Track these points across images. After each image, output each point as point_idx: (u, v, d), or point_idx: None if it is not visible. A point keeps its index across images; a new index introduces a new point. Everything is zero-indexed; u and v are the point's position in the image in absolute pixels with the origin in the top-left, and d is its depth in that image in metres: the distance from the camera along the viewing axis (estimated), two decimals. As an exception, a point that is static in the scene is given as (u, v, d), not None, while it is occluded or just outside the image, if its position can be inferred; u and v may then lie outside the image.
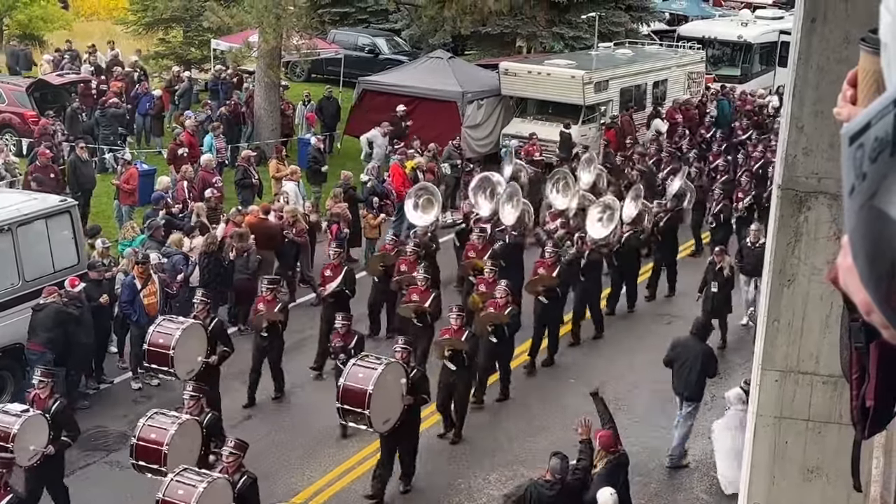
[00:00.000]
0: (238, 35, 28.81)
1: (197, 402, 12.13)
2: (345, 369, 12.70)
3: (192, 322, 13.73)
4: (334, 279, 16.18)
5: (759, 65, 35.63)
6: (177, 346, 13.28)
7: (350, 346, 13.90)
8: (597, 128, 27.39)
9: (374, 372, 12.27)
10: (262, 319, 14.89)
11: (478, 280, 16.62)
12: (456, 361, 13.91)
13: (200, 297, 14.39)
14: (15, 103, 26.25)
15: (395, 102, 27.14)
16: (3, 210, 14.96)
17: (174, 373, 13.43)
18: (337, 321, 14.40)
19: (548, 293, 16.43)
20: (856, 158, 1.44)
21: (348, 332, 14.27)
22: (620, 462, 11.20)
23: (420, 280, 15.67)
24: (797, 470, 7.15)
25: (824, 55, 6.54)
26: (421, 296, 15.48)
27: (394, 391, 12.37)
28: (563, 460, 10.79)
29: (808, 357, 7.07)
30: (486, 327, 14.82)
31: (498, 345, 15.01)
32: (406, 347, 13.09)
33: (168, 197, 19.32)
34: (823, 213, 6.86)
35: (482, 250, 17.63)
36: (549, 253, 17.03)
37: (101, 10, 49.14)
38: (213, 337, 13.85)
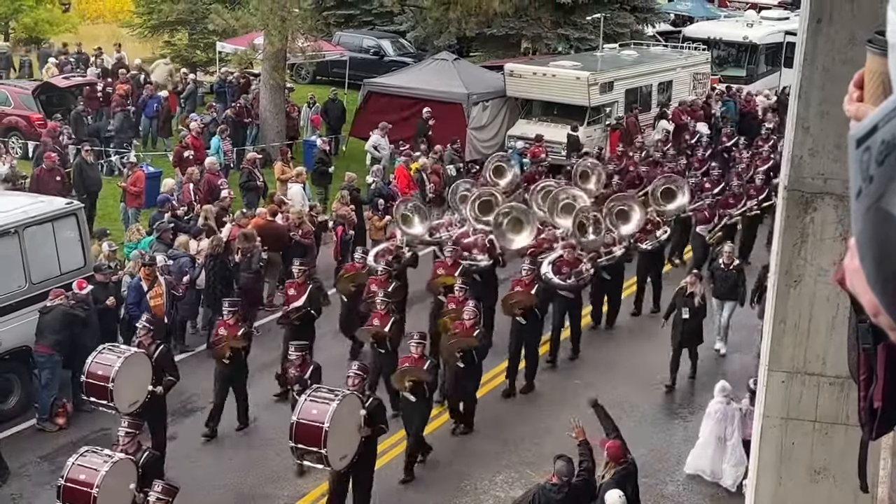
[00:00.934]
0: (243, 37, 28.86)
1: (133, 439, 11.18)
2: (297, 405, 11.83)
3: (135, 351, 12.78)
4: (298, 298, 15.40)
5: (764, 66, 35.58)
6: (117, 378, 12.30)
7: (306, 376, 13.06)
8: (602, 129, 27.39)
9: (329, 407, 11.48)
10: (224, 347, 14.01)
11: (448, 298, 15.69)
12: (417, 392, 13.17)
13: (143, 323, 13.37)
14: (21, 106, 26.32)
15: (400, 104, 27.17)
16: (10, 213, 15.00)
17: (114, 406, 12.40)
18: (291, 351, 13.57)
19: (525, 313, 15.62)
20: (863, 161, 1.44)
21: (304, 361, 13.37)
22: (629, 471, 11.12)
23: (380, 303, 14.75)
24: (804, 471, 7.14)
25: (830, 56, 6.54)
26: (381, 320, 14.57)
27: (350, 424, 11.68)
28: (569, 463, 10.77)
29: (814, 358, 7.06)
30: (454, 353, 14.04)
31: (465, 369, 14.15)
32: (359, 374, 12.29)
33: (173, 199, 19.35)
34: (829, 214, 6.86)
35: (452, 267, 16.66)
36: (527, 270, 16.10)
37: (107, 13, 49.26)
38: (159, 365, 12.92)
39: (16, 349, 14.29)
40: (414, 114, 27.15)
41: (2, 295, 14.40)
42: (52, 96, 26.98)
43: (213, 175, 20.81)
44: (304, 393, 11.95)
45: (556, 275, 16.47)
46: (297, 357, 13.35)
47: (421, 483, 13.40)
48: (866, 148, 1.45)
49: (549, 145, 25.75)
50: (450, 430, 14.56)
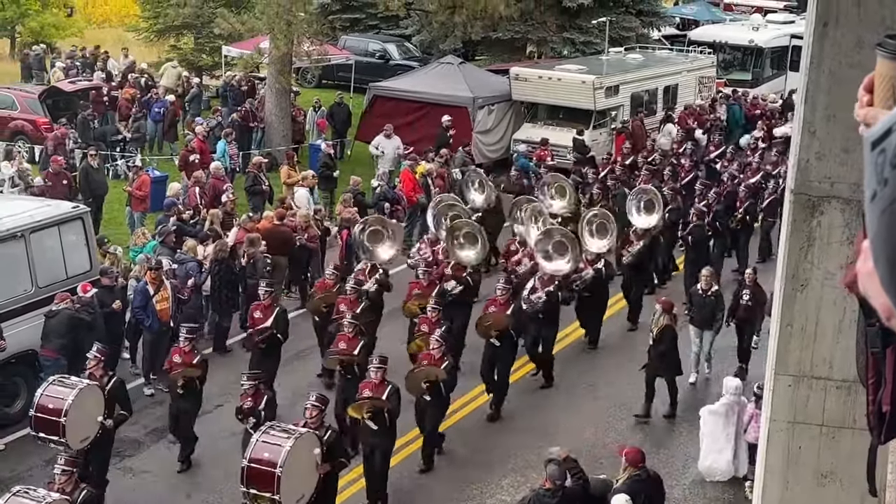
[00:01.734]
0: (249, 41, 28.90)
1: (70, 478, 10.64)
2: (249, 444, 11.15)
3: (87, 384, 12.05)
4: (265, 321, 14.73)
5: (770, 69, 35.56)
6: (69, 413, 11.57)
7: (260, 407, 12.37)
8: (608, 133, 27.38)
9: (283, 448, 10.83)
10: (178, 376, 13.30)
11: (420, 320, 15.09)
12: (377, 421, 12.46)
13: (95, 353, 12.59)
14: (28, 110, 26.37)
15: (406, 108, 27.20)
16: (16, 217, 15.03)
17: (66, 443, 11.66)
18: (243, 380, 12.70)
19: (500, 335, 15.00)
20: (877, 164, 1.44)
21: (257, 392, 12.56)
22: (643, 479, 11.08)
23: (347, 325, 14.09)
24: (811, 475, 7.13)
25: (836, 59, 6.53)
26: (348, 343, 13.92)
27: (307, 463, 11.05)
28: (561, 466, 10.77)
29: (821, 362, 7.05)
30: (420, 384, 13.32)
31: (432, 401, 13.45)
32: (317, 406, 11.63)
33: (179, 203, 19.38)
34: (836, 218, 6.84)
35: (428, 287, 16.06)
36: (502, 290, 15.44)
37: (113, 17, 49.36)
38: (112, 398, 12.29)
39: (22, 353, 14.31)
40: (419, 118, 27.19)
41: (8, 299, 14.42)
42: (59, 100, 27.03)
43: (218, 179, 20.83)
44: (257, 431, 11.27)
45: (533, 293, 15.91)
46: (249, 387, 12.53)
47: (427, 488, 13.41)
48: (881, 150, 1.45)
49: (555, 149, 25.75)
50: (453, 437, 14.53)
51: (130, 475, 13.36)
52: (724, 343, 16.80)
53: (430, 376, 13.29)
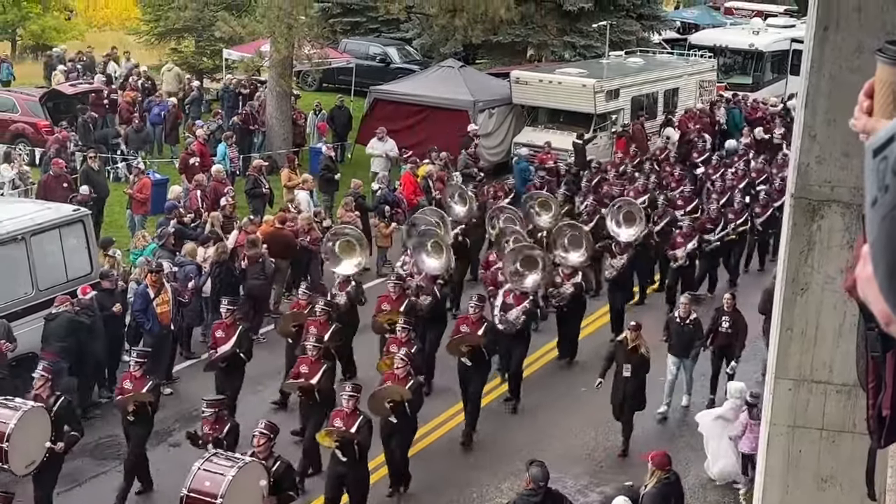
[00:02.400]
0: (250, 45, 28.93)
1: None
2: (189, 472, 10.58)
3: (32, 406, 11.45)
4: (227, 341, 14.07)
5: (770, 73, 35.61)
6: (13, 436, 11.04)
7: (221, 435, 11.67)
8: (608, 136, 27.40)
9: (225, 478, 10.30)
10: (128, 401, 12.56)
11: (389, 339, 14.43)
12: (346, 453, 11.84)
13: (41, 372, 12.00)
14: (28, 113, 26.40)
15: (406, 111, 27.22)
16: (17, 219, 15.04)
17: (10, 469, 11.18)
18: (204, 406, 12.00)
19: (472, 354, 14.39)
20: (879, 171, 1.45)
21: (218, 418, 11.86)
22: (672, 482, 11.06)
23: (310, 349, 13.42)
24: (811, 479, 7.13)
25: (837, 64, 6.54)
26: (310, 368, 13.23)
27: (251, 495, 10.48)
28: (543, 468, 10.78)
29: (821, 366, 7.05)
30: (383, 404, 12.67)
31: (397, 423, 12.81)
32: (265, 433, 11.01)
33: (180, 206, 19.39)
34: (836, 222, 6.85)
35: (397, 301, 15.40)
36: (474, 307, 14.76)
37: (114, 21, 49.41)
38: (59, 419, 11.72)
39: (23, 356, 14.30)
40: (420, 121, 27.21)
41: (9, 301, 14.43)
42: (59, 103, 27.06)
43: (218, 182, 20.85)
44: (200, 459, 10.68)
45: (502, 311, 15.35)
46: (210, 413, 11.81)
47: (426, 492, 13.40)
48: (883, 158, 1.45)
49: (555, 152, 25.75)
50: (453, 439, 14.53)
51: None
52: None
53: (393, 396, 12.62)
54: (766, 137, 28.41)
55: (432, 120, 27.05)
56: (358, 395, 12.19)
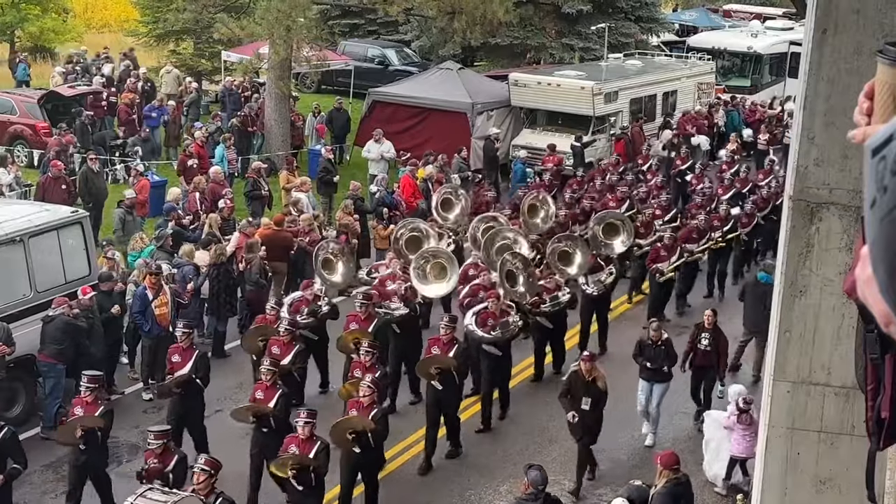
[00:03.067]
0: (248, 46, 28.93)
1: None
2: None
3: None
4: (183, 365, 13.34)
5: (769, 76, 35.64)
6: None
7: (168, 469, 11.10)
8: (606, 139, 27.40)
9: None
10: (75, 426, 11.90)
11: (353, 363, 13.79)
12: (302, 481, 11.31)
13: None
14: (27, 115, 26.38)
15: (405, 114, 27.23)
16: (15, 221, 15.03)
17: None
18: (150, 438, 11.37)
19: (442, 377, 13.70)
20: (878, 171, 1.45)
21: (165, 450, 11.26)
22: (682, 483, 11.05)
23: (265, 372, 12.73)
24: (809, 481, 7.13)
25: (835, 66, 6.54)
26: (265, 393, 12.57)
27: None
28: (541, 471, 10.78)
29: (819, 368, 7.05)
30: (345, 435, 12.00)
31: (362, 454, 12.17)
32: (206, 469, 10.52)
33: (179, 208, 19.39)
34: (835, 224, 6.85)
35: (366, 321, 14.70)
36: (445, 328, 14.04)
37: (113, 22, 49.40)
38: (2, 452, 11.46)
39: (21, 357, 14.29)
40: (418, 123, 27.22)
41: (7, 303, 14.42)
42: (58, 105, 27.05)
43: (217, 184, 20.84)
44: (132, 494, 10.19)
45: (480, 328, 14.72)
46: (157, 446, 11.22)
47: (424, 494, 13.40)
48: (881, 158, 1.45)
49: (560, 155, 25.73)
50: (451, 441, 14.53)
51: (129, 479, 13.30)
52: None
53: (355, 427, 11.98)
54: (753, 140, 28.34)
55: (431, 122, 27.06)
56: (313, 420, 11.61)
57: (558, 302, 16.15)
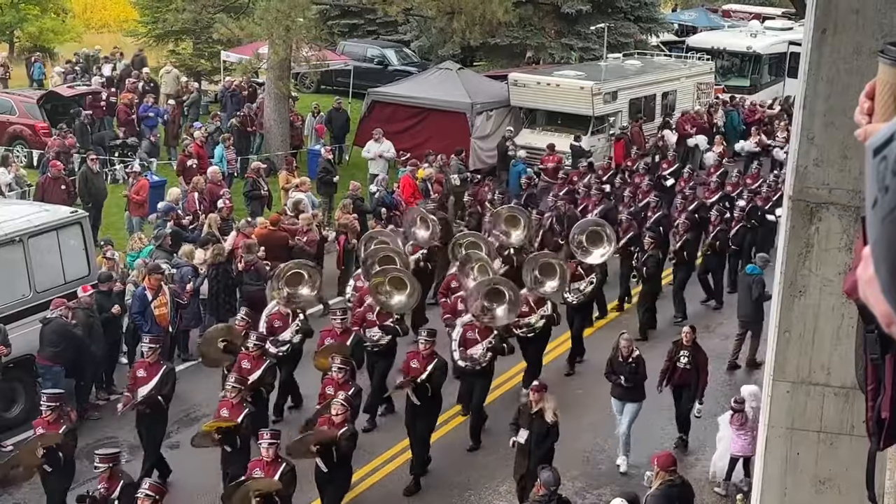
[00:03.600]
0: (248, 46, 28.92)
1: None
2: None
3: None
4: (148, 381, 12.83)
5: (768, 75, 35.63)
6: None
7: (113, 495, 10.80)
8: (606, 138, 27.40)
9: None
10: (34, 446, 11.47)
11: (325, 380, 13.34)
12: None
13: None
14: (26, 115, 26.37)
15: (405, 114, 27.22)
16: (15, 221, 15.03)
17: None
18: (96, 461, 11.04)
19: (419, 392, 13.26)
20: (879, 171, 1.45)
21: (112, 475, 10.92)
22: (677, 485, 10.98)
23: (230, 389, 12.30)
24: (809, 481, 7.13)
25: (835, 66, 6.54)
26: (231, 411, 12.09)
27: None
28: (554, 472, 10.78)
29: (819, 368, 7.05)
30: (307, 448, 11.62)
31: (329, 472, 11.76)
32: (151, 495, 10.24)
33: (178, 208, 19.38)
34: (834, 224, 6.85)
35: (342, 336, 14.25)
36: (424, 342, 13.52)
37: (112, 22, 49.39)
38: None
39: (20, 358, 14.29)
40: (417, 123, 27.21)
41: (6, 304, 14.42)
42: (57, 105, 27.05)
43: (215, 184, 20.83)
44: None
45: (460, 349, 14.32)
46: (104, 469, 10.87)
47: (425, 494, 13.38)
48: (882, 158, 1.45)
49: (560, 154, 25.72)
50: (453, 442, 14.52)
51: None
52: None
53: (321, 441, 11.55)
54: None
55: (430, 122, 27.06)
56: (277, 441, 11.35)
57: (533, 329, 15.40)
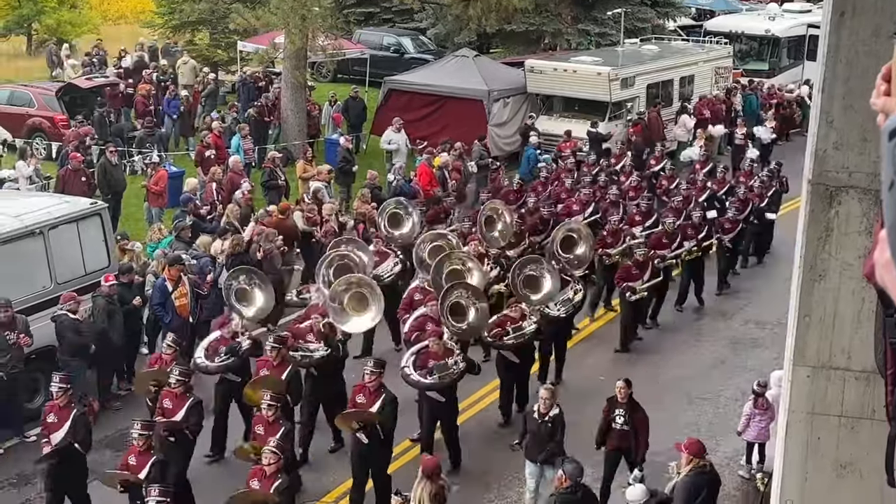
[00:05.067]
0: (264, 36, 28.95)
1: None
2: None
3: None
4: (59, 427, 11.67)
5: (787, 59, 35.43)
6: None
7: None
8: (623, 124, 27.32)
9: None
10: None
11: (255, 418, 12.33)
12: None
13: None
14: (45, 107, 26.52)
15: (421, 102, 27.21)
16: (35, 213, 15.13)
17: None
18: None
19: (365, 430, 11.90)
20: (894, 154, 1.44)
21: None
22: (707, 471, 10.98)
23: (137, 438, 11.29)
24: (830, 465, 7.11)
25: (853, 49, 6.49)
26: (137, 458, 11.24)
27: None
28: (577, 464, 10.77)
29: (839, 352, 7.02)
30: None
31: None
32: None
33: (196, 199, 19.44)
34: (854, 208, 6.81)
35: (279, 367, 12.91)
36: (370, 373, 12.19)
37: (129, 14, 49.54)
38: None
39: (42, 349, 14.39)
40: (434, 111, 27.20)
41: (28, 295, 14.52)
42: (76, 97, 27.18)
43: (236, 174, 20.89)
44: None
45: (419, 370, 12.99)
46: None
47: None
48: (897, 140, 1.44)
49: (577, 140, 25.66)
50: (474, 430, 14.51)
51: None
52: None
53: (256, 501, 10.69)
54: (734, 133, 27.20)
55: (447, 110, 27.04)
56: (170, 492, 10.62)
57: (522, 333, 14.22)
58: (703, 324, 18.50)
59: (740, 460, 13.71)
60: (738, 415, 13.99)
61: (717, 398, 15.64)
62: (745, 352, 17.25)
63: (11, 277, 14.36)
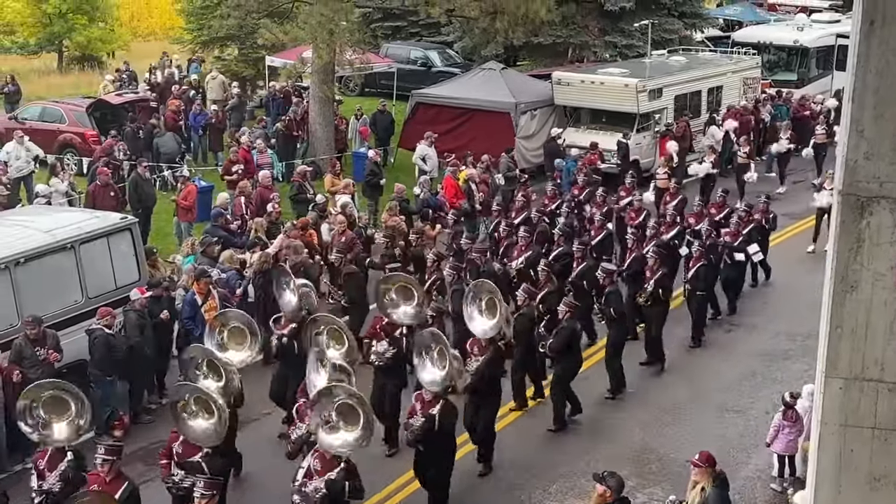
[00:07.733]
0: (292, 51, 29.14)
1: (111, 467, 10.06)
2: None
3: None
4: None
5: (815, 69, 35.24)
6: None
7: None
8: (651, 136, 27.27)
9: None
10: None
11: None
12: None
13: None
14: (76, 123, 26.80)
15: (449, 115, 27.29)
16: (66, 228, 15.28)
17: None
18: None
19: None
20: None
21: None
22: (724, 480, 10.97)
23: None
24: (863, 478, 7.05)
25: (884, 58, 6.46)
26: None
27: None
28: (619, 477, 10.65)
29: (872, 364, 6.97)
30: None
31: None
32: None
33: (227, 213, 19.55)
34: (885, 218, 6.77)
35: (110, 485, 10.71)
36: None
37: (158, 30, 50.02)
38: None
39: (73, 363, 14.49)
40: (462, 124, 27.27)
41: (59, 310, 14.64)
42: (106, 113, 27.45)
43: (265, 188, 20.99)
44: None
45: None
46: None
47: (474, 493, 13.37)
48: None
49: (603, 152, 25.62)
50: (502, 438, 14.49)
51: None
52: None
53: None
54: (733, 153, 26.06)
55: (474, 123, 27.11)
56: None
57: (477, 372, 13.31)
58: (733, 336, 18.40)
59: (772, 472, 13.60)
60: (768, 427, 13.89)
61: (748, 411, 15.54)
62: (775, 363, 17.13)
63: (43, 292, 14.49)
